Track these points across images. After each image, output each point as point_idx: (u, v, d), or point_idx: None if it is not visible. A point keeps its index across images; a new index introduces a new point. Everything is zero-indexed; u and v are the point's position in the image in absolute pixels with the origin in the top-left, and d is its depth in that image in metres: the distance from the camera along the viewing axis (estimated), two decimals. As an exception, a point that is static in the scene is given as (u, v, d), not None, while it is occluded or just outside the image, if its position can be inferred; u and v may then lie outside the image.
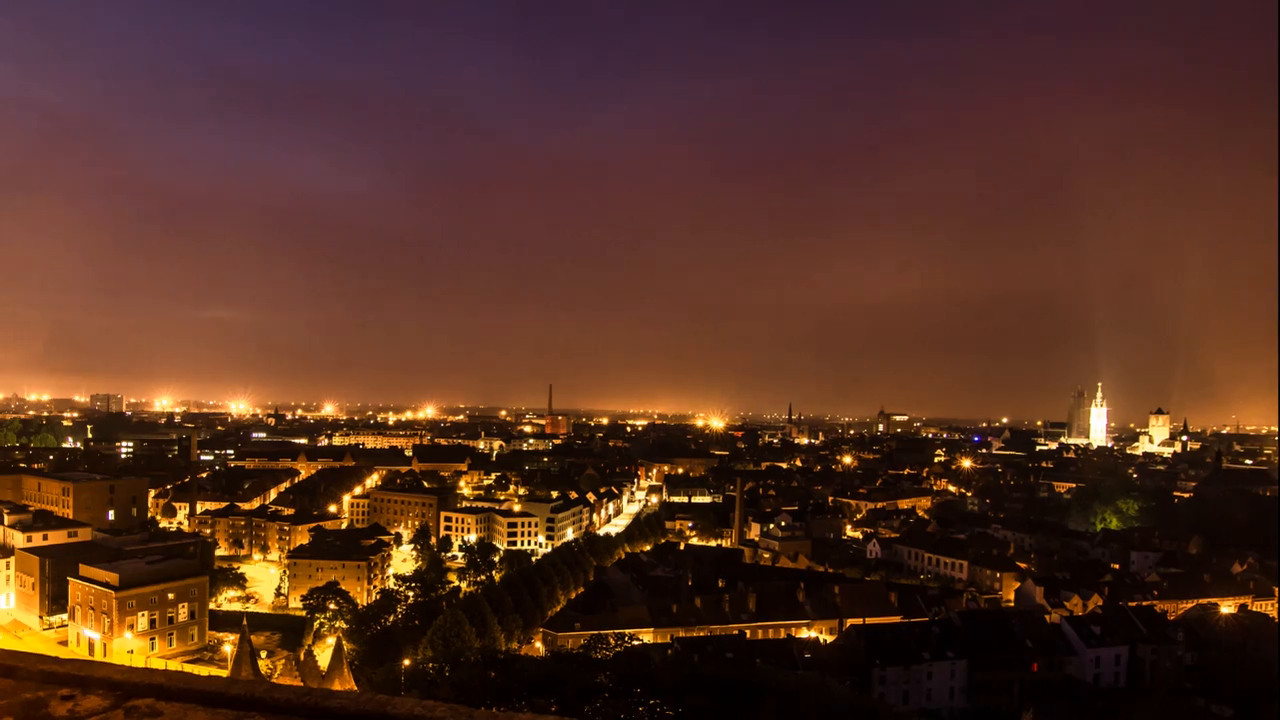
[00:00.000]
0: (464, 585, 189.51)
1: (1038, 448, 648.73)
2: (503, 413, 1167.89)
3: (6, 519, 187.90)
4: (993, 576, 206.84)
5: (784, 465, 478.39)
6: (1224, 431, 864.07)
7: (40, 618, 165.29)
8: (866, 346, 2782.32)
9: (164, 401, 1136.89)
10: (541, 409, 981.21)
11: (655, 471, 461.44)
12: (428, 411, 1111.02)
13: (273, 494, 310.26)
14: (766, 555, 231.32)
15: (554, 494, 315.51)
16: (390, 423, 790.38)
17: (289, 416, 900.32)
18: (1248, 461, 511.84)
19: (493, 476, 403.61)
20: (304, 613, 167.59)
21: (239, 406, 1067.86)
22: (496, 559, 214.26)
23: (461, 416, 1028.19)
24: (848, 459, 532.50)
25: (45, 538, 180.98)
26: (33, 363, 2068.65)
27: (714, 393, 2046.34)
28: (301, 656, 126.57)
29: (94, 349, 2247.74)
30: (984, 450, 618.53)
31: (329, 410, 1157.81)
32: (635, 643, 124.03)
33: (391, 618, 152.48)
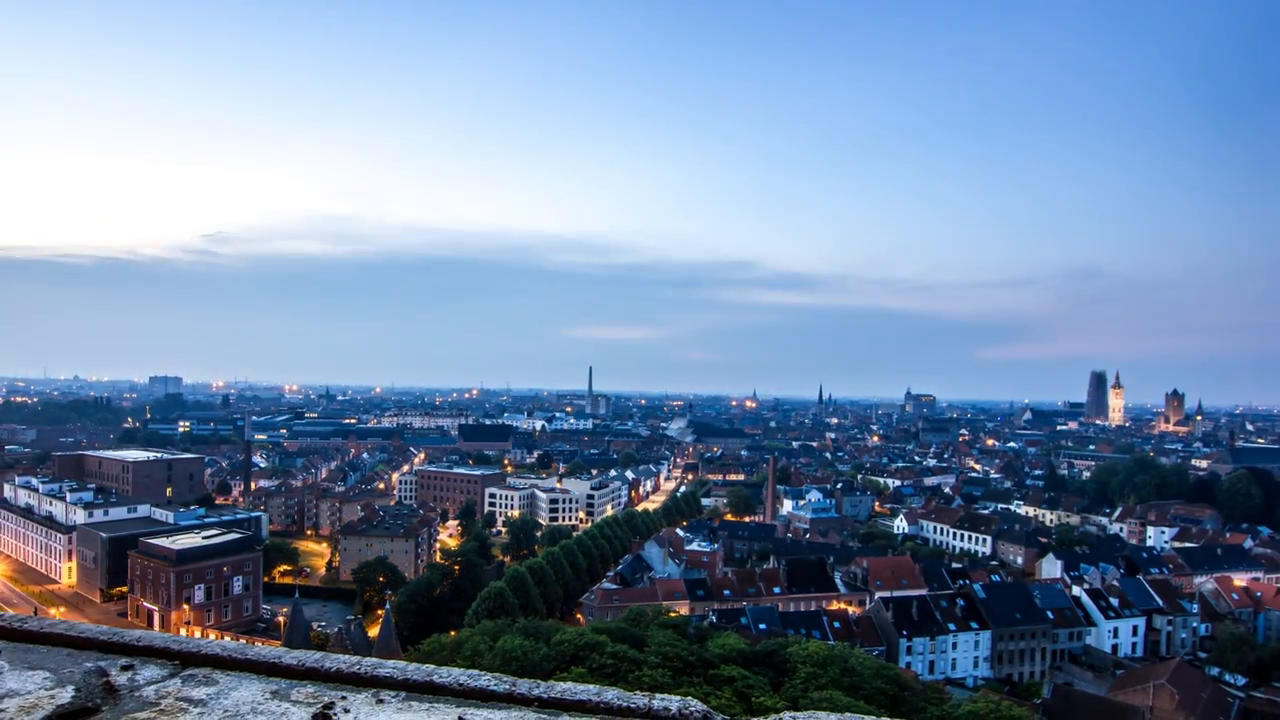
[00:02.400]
0: (508, 560, 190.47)
1: (1058, 427, 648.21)
2: (545, 393, 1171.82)
3: (69, 496, 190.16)
4: (1015, 550, 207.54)
5: (815, 444, 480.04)
6: (1237, 411, 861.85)
7: (101, 590, 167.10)
8: (894, 331, 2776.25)
9: (220, 382, 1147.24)
10: (582, 390, 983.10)
11: (691, 450, 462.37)
12: (472, 392, 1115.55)
13: (324, 472, 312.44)
14: (798, 530, 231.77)
15: (594, 472, 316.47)
16: (437, 403, 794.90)
17: (340, 397, 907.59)
18: (1260, 440, 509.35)
19: (535, 455, 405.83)
20: (354, 586, 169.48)
21: (293, 387, 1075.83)
22: (539, 534, 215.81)
23: (504, 398, 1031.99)
24: (876, 438, 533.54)
25: (106, 514, 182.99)
26: (94, 345, 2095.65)
27: (747, 374, 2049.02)
28: (352, 628, 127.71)
29: (153, 333, 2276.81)
30: (1007, 429, 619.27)
31: (378, 390, 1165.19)
32: (672, 614, 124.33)
33: (438, 591, 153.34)
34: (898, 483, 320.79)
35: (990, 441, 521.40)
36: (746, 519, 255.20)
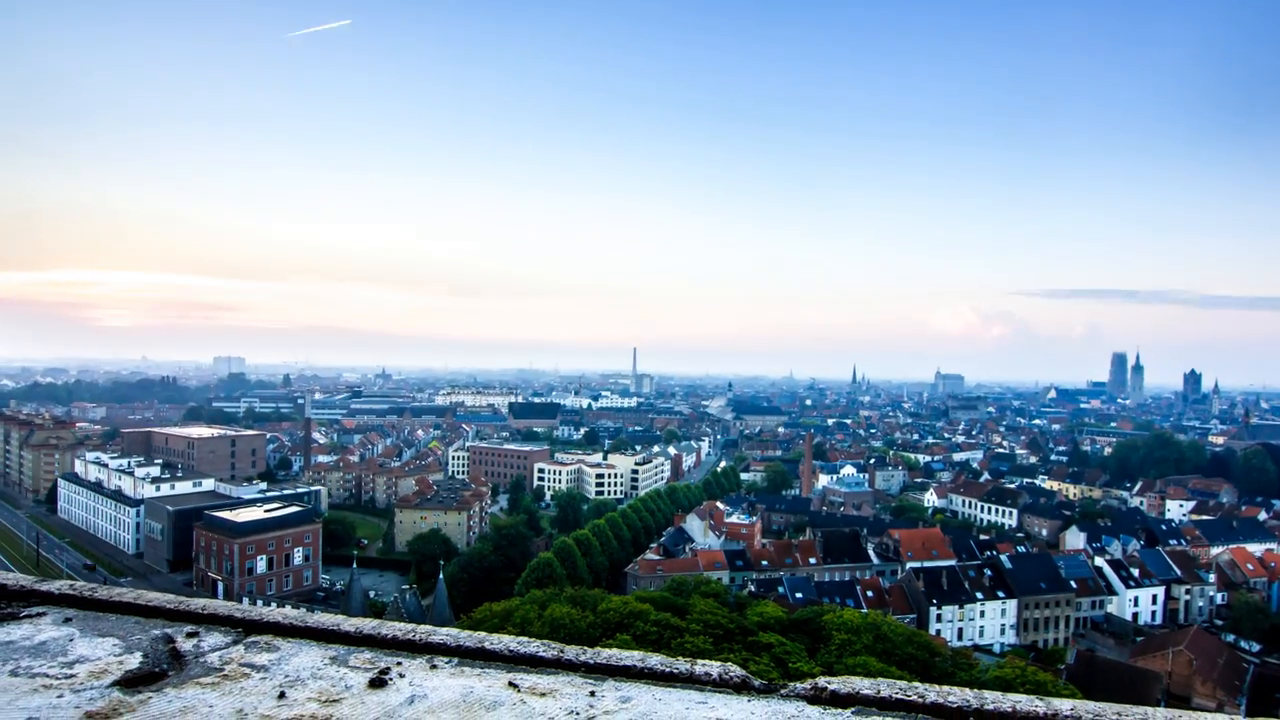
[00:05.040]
0: (555, 532, 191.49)
1: (1081, 406, 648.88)
2: (590, 373, 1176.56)
3: (136, 471, 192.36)
4: (1040, 523, 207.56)
5: (849, 422, 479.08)
6: (1252, 389, 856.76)
7: (167, 561, 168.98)
8: (925, 310, 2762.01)
9: (282, 362, 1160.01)
10: (626, 370, 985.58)
11: (731, 427, 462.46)
12: (522, 372, 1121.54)
13: (381, 448, 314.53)
14: (833, 503, 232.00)
15: (638, 448, 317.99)
16: (488, 383, 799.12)
17: (395, 377, 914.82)
18: (1274, 418, 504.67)
19: (582, 432, 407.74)
20: (409, 557, 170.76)
21: (350, 366, 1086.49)
22: (585, 508, 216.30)
23: (552, 378, 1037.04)
24: (906, 415, 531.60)
25: (172, 488, 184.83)
26: (161, 326, 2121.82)
27: (784, 355, 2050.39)
28: (407, 597, 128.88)
29: (215, 314, 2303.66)
30: (1032, 408, 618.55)
31: (432, 369, 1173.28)
32: (713, 584, 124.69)
33: (489, 562, 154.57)
34: (928, 458, 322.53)
35: (1017, 418, 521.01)
36: (784, 493, 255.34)
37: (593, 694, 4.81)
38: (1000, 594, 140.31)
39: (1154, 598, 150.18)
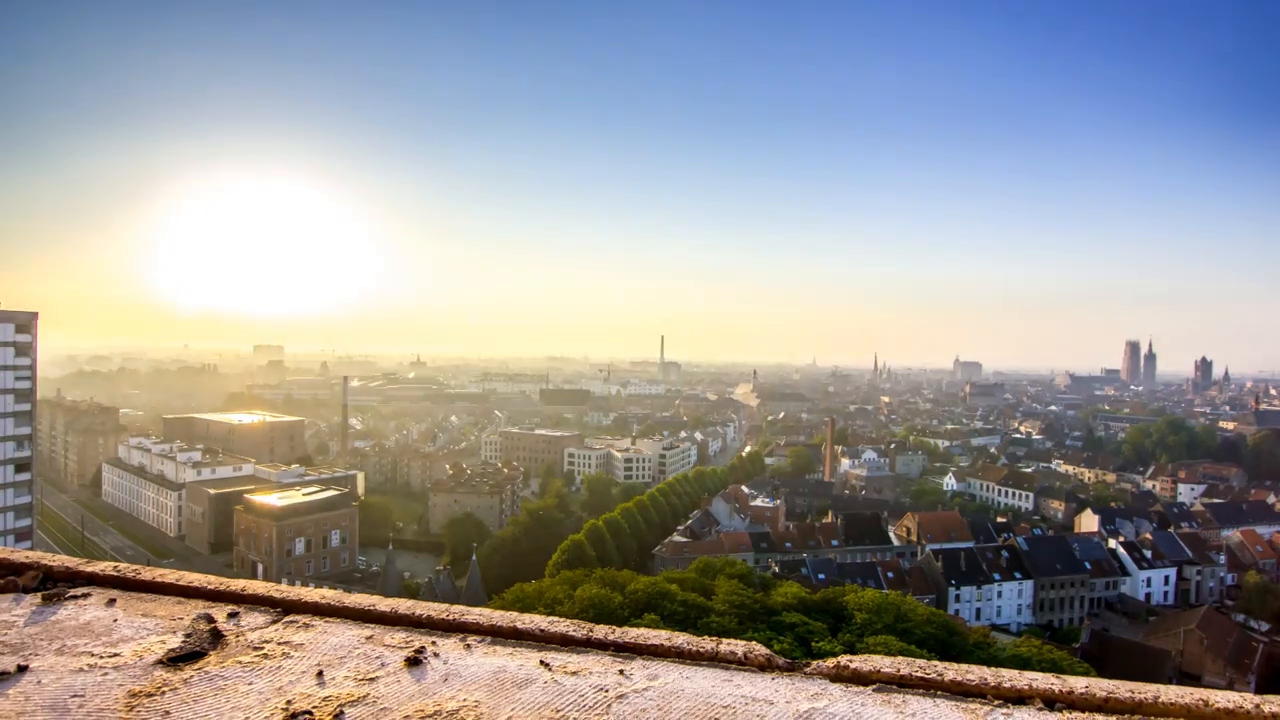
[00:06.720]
0: (585, 515, 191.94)
1: (1095, 392, 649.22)
2: (618, 361, 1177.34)
3: (178, 456, 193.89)
4: (1056, 506, 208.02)
5: (870, 408, 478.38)
6: (1262, 376, 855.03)
7: (208, 543, 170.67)
8: (944, 300, 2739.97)
9: (318, 349, 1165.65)
10: (654, 358, 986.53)
11: (756, 413, 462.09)
12: (552, 360, 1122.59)
13: (415, 433, 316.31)
14: (854, 487, 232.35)
15: (665, 433, 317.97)
16: (519, 370, 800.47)
17: (430, 365, 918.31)
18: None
19: (611, 417, 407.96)
20: (443, 539, 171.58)
21: (386, 353, 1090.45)
22: (614, 492, 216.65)
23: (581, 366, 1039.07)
24: (926, 402, 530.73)
25: (213, 472, 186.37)
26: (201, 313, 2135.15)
27: (806, 343, 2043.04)
28: (441, 578, 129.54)
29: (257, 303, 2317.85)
30: (1047, 394, 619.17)
31: (465, 357, 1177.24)
32: (738, 565, 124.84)
33: (521, 544, 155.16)
34: (947, 443, 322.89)
35: (1033, 404, 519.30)
36: (807, 477, 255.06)
37: (621, 672, 4.81)
38: (1017, 575, 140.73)
39: (1166, 579, 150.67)
